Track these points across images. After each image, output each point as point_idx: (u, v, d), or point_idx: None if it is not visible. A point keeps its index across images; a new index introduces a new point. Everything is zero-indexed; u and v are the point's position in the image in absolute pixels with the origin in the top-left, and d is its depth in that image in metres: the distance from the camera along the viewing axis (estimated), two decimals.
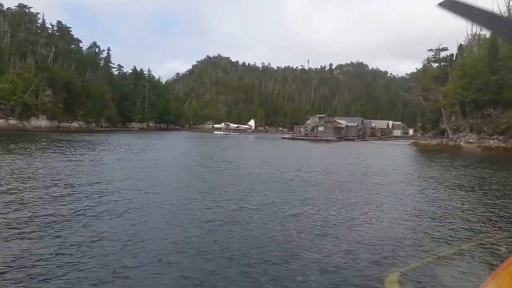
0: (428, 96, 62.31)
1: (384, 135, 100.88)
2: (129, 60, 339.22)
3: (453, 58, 64.61)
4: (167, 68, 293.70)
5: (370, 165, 26.51)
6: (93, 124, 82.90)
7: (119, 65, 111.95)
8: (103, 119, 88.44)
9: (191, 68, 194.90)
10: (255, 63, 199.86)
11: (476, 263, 7.05)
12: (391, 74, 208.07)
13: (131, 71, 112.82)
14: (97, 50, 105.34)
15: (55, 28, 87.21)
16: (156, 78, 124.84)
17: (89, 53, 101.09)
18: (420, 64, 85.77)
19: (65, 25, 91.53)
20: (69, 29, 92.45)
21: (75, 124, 75.97)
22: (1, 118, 60.49)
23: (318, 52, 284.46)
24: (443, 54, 67.18)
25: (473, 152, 44.56)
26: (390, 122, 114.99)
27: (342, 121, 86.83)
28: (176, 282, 5.91)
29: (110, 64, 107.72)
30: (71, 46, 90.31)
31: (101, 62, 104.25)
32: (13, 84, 62.95)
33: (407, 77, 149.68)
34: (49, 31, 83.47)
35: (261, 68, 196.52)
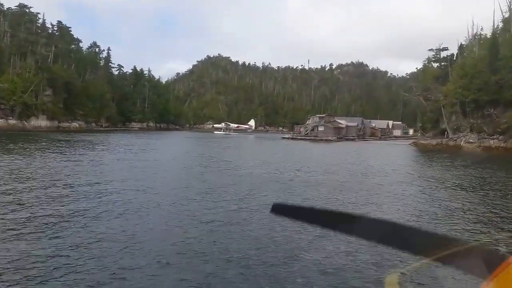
0: (429, 96, 62.32)
1: (384, 135, 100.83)
2: (129, 60, 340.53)
3: (454, 58, 64.65)
4: (167, 68, 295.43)
5: (370, 165, 26.45)
6: (93, 124, 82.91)
7: (119, 65, 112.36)
8: (103, 119, 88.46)
9: (191, 68, 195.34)
10: (255, 63, 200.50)
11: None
12: (391, 74, 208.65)
13: (131, 71, 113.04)
14: (97, 50, 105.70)
15: (55, 28, 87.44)
16: (156, 78, 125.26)
17: (89, 53, 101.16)
18: (421, 64, 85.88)
19: (65, 25, 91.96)
20: (69, 29, 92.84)
21: (75, 124, 75.95)
22: (1, 118, 60.46)
23: (318, 52, 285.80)
24: (444, 54, 67.31)
25: (473, 152, 44.51)
26: (390, 122, 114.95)
27: (342, 121, 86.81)
28: (175, 284, 5.87)
29: (110, 64, 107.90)
30: (71, 46, 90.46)
31: (101, 62, 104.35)
32: (13, 84, 62.97)
33: (407, 77, 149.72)
34: (49, 31, 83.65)
35: (261, 68, 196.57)
